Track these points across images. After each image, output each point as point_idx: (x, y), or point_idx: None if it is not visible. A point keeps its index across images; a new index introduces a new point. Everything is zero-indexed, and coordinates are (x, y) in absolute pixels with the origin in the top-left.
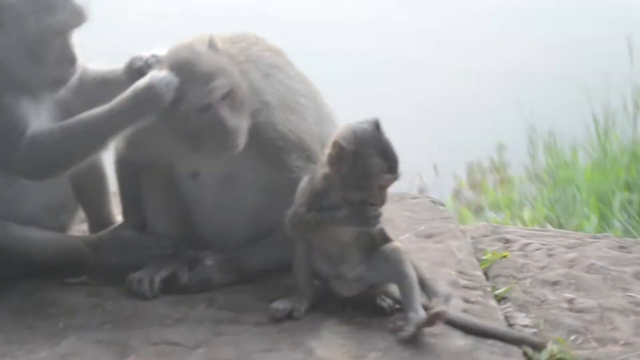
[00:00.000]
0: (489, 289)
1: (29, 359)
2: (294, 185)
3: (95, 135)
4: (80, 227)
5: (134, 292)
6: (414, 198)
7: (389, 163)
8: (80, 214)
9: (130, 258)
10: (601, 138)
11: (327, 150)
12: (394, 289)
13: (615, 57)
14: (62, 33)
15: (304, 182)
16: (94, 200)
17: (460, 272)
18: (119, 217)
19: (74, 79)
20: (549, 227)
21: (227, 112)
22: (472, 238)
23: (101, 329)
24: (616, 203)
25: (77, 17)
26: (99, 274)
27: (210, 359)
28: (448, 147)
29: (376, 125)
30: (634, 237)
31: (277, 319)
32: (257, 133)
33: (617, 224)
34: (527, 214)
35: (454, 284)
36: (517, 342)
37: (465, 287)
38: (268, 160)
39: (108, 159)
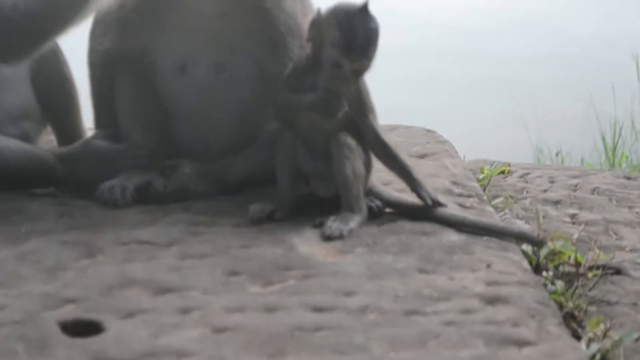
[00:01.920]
0: (484, 198)
1: None
2: None
3: None
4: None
5: (105, 200)
6: (407, 127)
7: (346, 39)
8: (47, 129)
9: (102, 170)
10: (609, 155)
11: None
12: (381, 189)
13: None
14: None
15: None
16: (61, 110)
17: (455, 183)
18: (89, 133)
19: None
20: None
21: None
22: (470, 169)
23: (67, 232)
24: None
25: None
26: (68, 187)
27: (184, 254)
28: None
29: (362, 8)
30: None
31: (256, 220)
32: (263, 14)
33: None
34: None
35: (448, 192)
36: (516, 237)
37: (460, 194)
38: (268, 46)
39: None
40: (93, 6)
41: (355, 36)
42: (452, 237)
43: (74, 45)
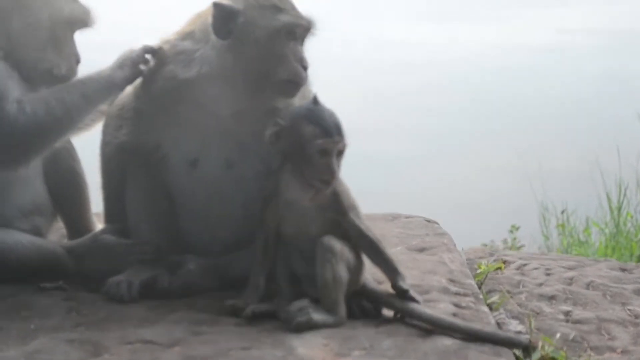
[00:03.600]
0: (480, 297)
1: None
2: None
3: (84, 93)
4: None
5: (112, 296)
6: (407, 217)
7: (321, 127)
8: (58, 222)
9: (110, 264)
10: (614, 214)
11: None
12: (374, 287)
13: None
14: (83, 25)
15: None
16: (71, 205)
17: (452, 280)
18: (99, 226)
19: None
20: (551, 253)
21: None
22: (468, 259)
23: (74, 330)
24: None
25: (92, 15)
26: (76, 280)
27: (186, 356)
28: (461, 230)
29: (313, 101)
30: None
31: (252, 317)
32: (274, 115)
33: None
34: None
35: (445, 291)
36: (506, 343)
37: (457, 293)
38: None
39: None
40: (98, 112)
41: (327, 121)
42: (447, 341)
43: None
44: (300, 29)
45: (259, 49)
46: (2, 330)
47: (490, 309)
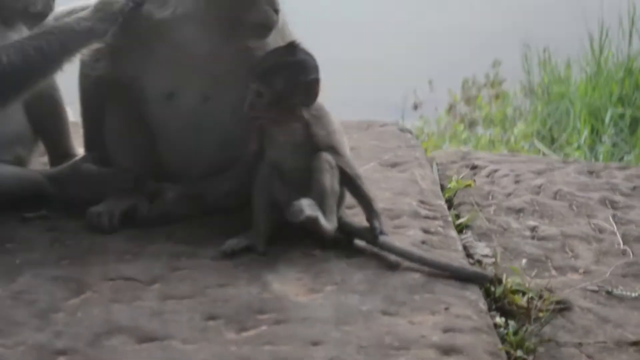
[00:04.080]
0: (449, 219)
1: None
2: None
3: (63, 43)
4: (41, 160)
5: (94, 226)
6: (382, 126)
7: (260, 69)
8: (39, 148)
9: (91, 192)
10: (596, 54)
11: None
12: (350, 219)
13: None
14: None
15: None
16: (52, 132)
17: (422, 202)
18: (80, 150)
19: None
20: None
21: None
22: (440, 164)
23: (58, 264)
24: (608, 118)
25: None
26: (58, 207)
27: (165, 294)
28: (443, 62)
29: (290, 44)
30: (623, 151)
31: (230, 254)
32: (248, 54)
33: (606, 140)
34: (519, 128)
35: (415, 215)
36: (471, 278)
37: (426, 217)
38: None
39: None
40: (75, 56)
41: (265, 66)
42: (415, 274)
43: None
44: None
45: None
46: None
47: (460, 230)
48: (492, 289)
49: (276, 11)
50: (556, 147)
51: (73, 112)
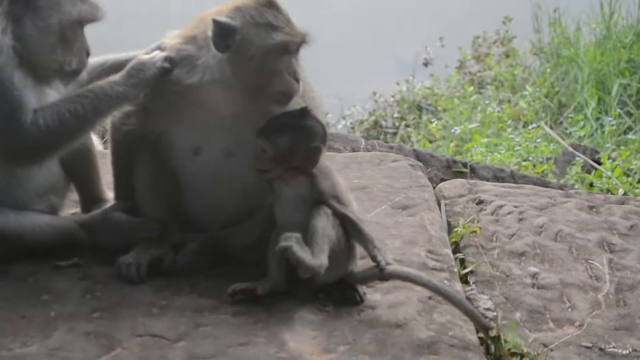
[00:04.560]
0: (455, 270)
1: (22, 352)
2: None
3: (96, 106)
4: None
5: (123, 276)
6: (393, 161)
7: (267, 129)
8: (70, 195)
9: (120, 240)
10: (606, 17)
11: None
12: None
13: None
14: (92, 21)
15: None
16: (85, 179)
17: (430, 252)
18: (110, 194)
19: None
20: (525, 187)
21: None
22: (448, 198)
23: (90, 318)
24: (614, 91)
25: (100, 11)
26: (89, 254)
27: (190, 354)
28: (455, 19)
29: (302, 110)
30: (632, 119)
31: (235, 297)
32: (268, 114)
33: (612, 120)
34: (528, 91)
35: (423, 266)
36: (468, 314)
37: (434, 268)
38: None
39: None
40: (107, 118)
41: (274, 126)
42: (422, 334)
43: None
44: (293, 45)
45: (255, 64)
46: (25, 319)
47: (465, 277)
48: (492, 348)
49: (297, 80)
50: (562, 128)
51: None
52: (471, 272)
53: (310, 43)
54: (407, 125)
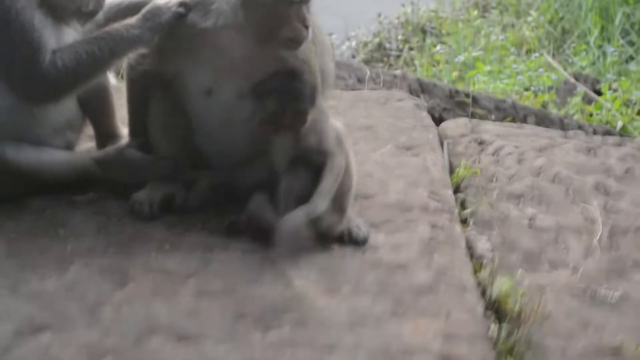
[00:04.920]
0: (455, 211)
1: (41, 286)
2: None
3: (113, 48)
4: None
5: (136, 214)
6: (399, 100)
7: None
8: (86, 130)
9: (134, 176)
10: None
11: None
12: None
13: None
14: None
15: None
16: (101, 115)
17: (432, 193)
18: (124, 130)
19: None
20: (526, 126)
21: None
22: (451, 138)
23: (106, 252)
24: (617, 18)
25: None
26: (104, 189)
27: (199, 291)
28: None
29: None
30: (634, 48)
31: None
32: (280, 59)
33: (614, 50)
34: (532, 17)
35: (425, 208)
36: None
37: (435, 209)
38: None
39: None
40: (123, 60)
41: (263, 87)
42: (422, 275)
43: None
44: None
45: (266, 10)
46: (43, 253)
47: (465, 219)
48: (489, 291)
49: (306, 27)
50: (565, 56)
51: None
52: (471, 213)
53: None
54: (411, 49)
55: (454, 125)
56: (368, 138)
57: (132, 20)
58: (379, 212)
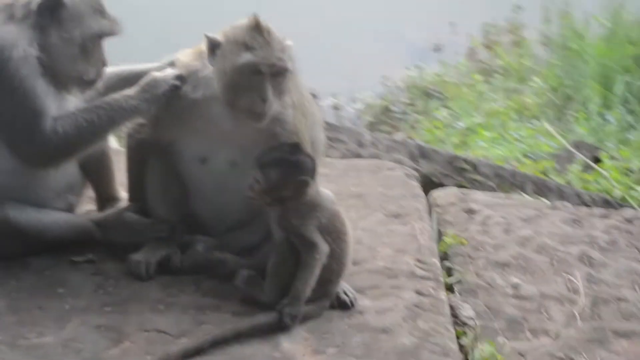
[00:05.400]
0: (441, 279)
1: (39, 342)
2: None
3: (111, 117)
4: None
5: (133, 273)
6: (390, 169)
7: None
8: (88, 193)
9: (131, 238)
10: (614, 11)
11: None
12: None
13: None
14: (111, 35)
15: None
16: (101, 179)
17: (419, 261)
18: (124, 193)
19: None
20: (514, 197)
21: (272, 86)
22: (440, 207)
23: (102, 311)
24: (619, 87)
25: (119, 26)
26: (103, 250)
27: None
28: (465, 5)
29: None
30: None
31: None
32: (276, 125)
33: (613, 120)
34: (536, 82)
35: (411, 275)
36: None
37: (422, 277)
38: None
39: None
40: (121, 128)
41: (267, 158)
42: (406, 340)
43: None
44: (265, 68)
45: (226, 79)
46: (42, 310)
47: (450, 286)
48: (471, 357)
49: (264, 101)
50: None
51: None
52: (457, 280)
53: (285, 73)
54: (415, 112)
55: (444, 194)
56: (358, 206)
57: (130, 91)
58: (366, 277)
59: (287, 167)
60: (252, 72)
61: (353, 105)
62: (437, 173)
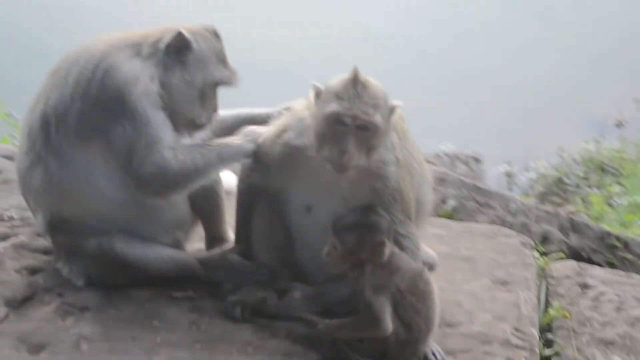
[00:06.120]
0: (536, 349)
1: None
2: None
3: (220, 154)
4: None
5: (228, 314)
6: (506, 236)
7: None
8: (199, 231)
9: (233, 279)
10: None
11: None
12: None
13: None
14: (228, 85)
15: None
16: (211, 219)
17: (516, 329)
18: (232, 234)
19: None
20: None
21: (356, 139)
22: (553, 278)
23: (192, 348)
24: None
25: (237, 78)
26: (203, 288)
27: None
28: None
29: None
30: None
31: None
32: (378, 180)
33: None
34: None
35: (505, 343)
36: None
37: (516, 345)
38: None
39: None
40: (227, 166)
41: (342, 223)
42: None
43: None
44: (347, 119)
45: (316, 127)
46: (135, 340)
47: (548, 358)
48: None
49: (342, 152)
50: None
51: None
52: (556, 353)
53: (371, 127)
54: (589, 186)
55: (561, 267)
56: (465, 269)
57: (233, 138)
58: (460, 341)
59: (362, 229)
60: (336, 122)
61: (526, 173)
62: (587, 248)
